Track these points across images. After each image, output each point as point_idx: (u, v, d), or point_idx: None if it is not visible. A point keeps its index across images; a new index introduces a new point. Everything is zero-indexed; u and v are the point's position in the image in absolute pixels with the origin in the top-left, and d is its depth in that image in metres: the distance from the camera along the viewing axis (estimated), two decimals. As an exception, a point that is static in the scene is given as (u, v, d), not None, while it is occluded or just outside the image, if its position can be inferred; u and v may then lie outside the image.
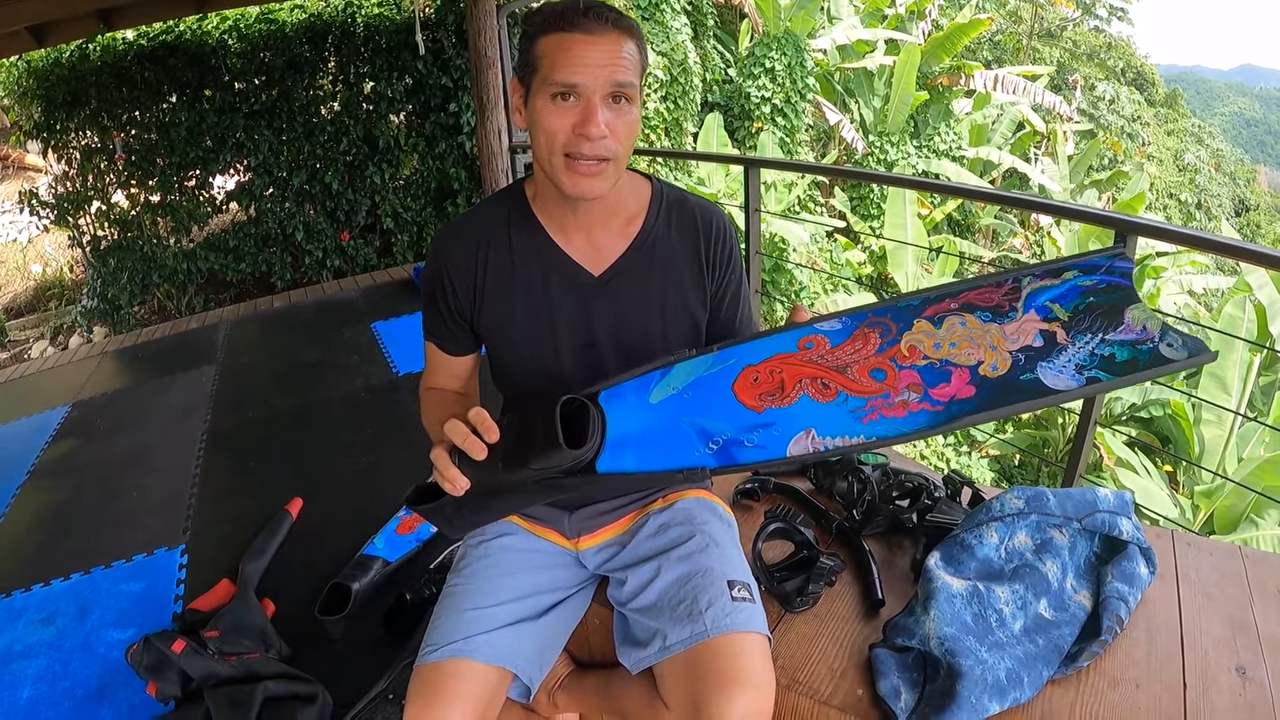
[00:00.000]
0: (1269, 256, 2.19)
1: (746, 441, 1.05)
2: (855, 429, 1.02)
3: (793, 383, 1.07)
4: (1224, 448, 7.47)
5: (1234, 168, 29.04)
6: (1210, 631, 1.31)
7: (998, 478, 9.89)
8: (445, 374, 1.43)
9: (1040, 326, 1.04)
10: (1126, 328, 1.01)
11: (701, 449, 1.07)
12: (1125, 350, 0.98)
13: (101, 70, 5.77)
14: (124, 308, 6.30)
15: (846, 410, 1.04)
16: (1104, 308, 1.04)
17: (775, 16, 12.16)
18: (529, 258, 1.30)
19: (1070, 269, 1.10)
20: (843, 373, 1.07)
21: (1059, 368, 0.99)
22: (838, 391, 1.05)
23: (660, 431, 1.09)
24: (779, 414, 1.06)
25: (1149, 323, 1.00)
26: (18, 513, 3.27)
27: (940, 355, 1.05)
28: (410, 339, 4.53)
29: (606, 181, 1.19)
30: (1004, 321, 1.06)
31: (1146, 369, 0.96)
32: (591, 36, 1.11)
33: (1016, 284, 1.10)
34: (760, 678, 1.12)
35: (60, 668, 2.30)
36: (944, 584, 1.28)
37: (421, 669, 1.20)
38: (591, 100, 1.12)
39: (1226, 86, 76.09)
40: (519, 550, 1.39)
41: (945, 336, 1.06)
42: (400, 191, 6.71)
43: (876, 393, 1.04)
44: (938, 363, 1.04)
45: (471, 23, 5.28)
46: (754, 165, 3.75)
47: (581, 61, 1.11)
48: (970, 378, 1.02)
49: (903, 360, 1.06)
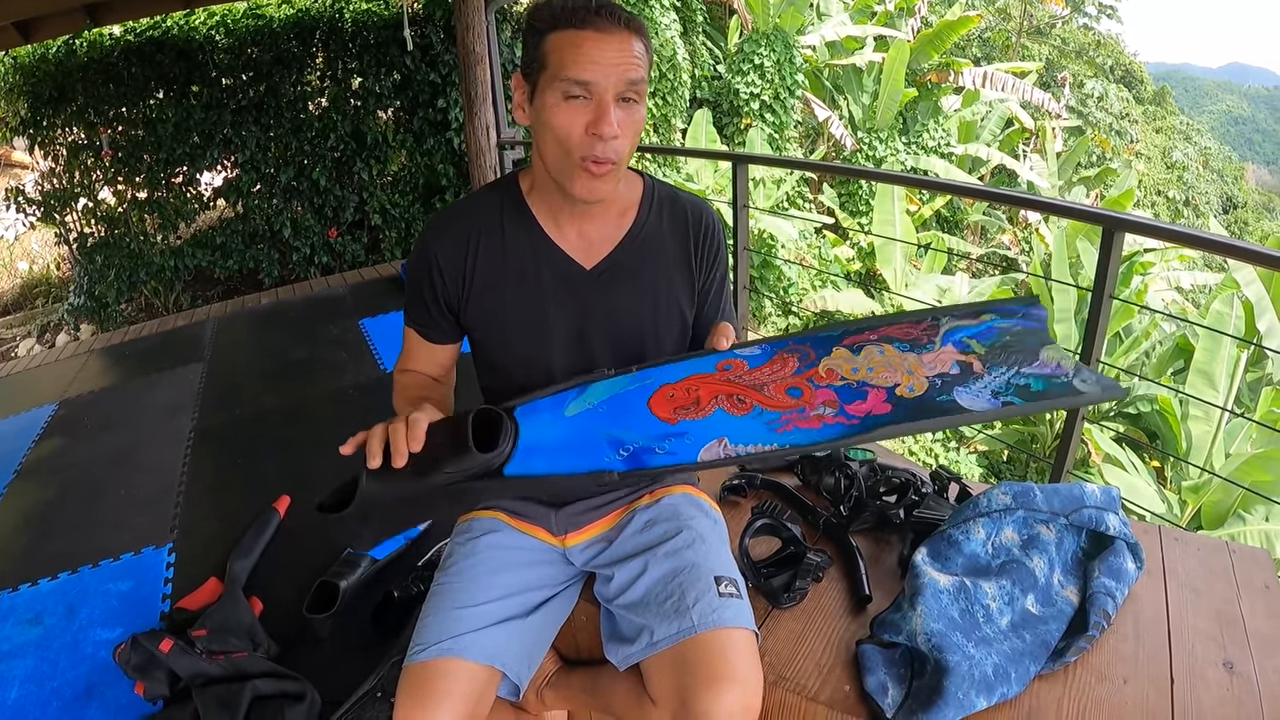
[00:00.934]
0: (1256, 253, 2.20)
1: (658, 449, 1.08)
2: (769, 438, 1.04)
3: (708, 398, 1.10)
4: (1211, 444, 7.51)
5: (1222, 165, 29.18)
6: (1197, 626, 1.32)
7: (986, 473, 9.91)
8: (423, 360, 1.44)
9: (957, 358, 1.07)
10: (1041, 364, 1.05)
11: (611, 455, 1.09)
12: (1040, 382, 1.02)
13: (88, 66, 5.74)
14: (111, 305, 6.26)
15: (761, 422, 1.06)
16: (1019, 347, 1.08)
17: (764, 13, 12.14)
18: (521, 248, 1.30)
19: (988, 312, 1.14)
20: (759, 390, 1.10)
21: (974, 393, 1.02)
22: (752, 406, 1.08)
23: (572, 441, 1.12)
24: (692, 425, 1.08)
25: (1063, 361, 1.04)
26: (4, 512, 3.25)
27: (857, 377, 1.08)
28: (399, 336, 4.51)
29: (613, 183, 1.21)
30: (921, 352, 1.09)
31: (1060, 398, 1.00)
32: (604, 34, 1.11)
33: (935, 322, 1.14)
34: (748, 673, 1.12)
35: (48, 668, 2.28)
36: (931, 580, 1.29)
37: (411, 668, 1.20)
38: (604, 99, 1.13)
39: (1215, 85, 76.47)
40: (506, 548, 1.38)
41: (863, 363, 1.09)
42: (388, 188, 6.70)
43: (791, 407, 1.07)
44: (854, 384, 1.07)
45: (459, 19, 5.27)
46: (742, 161, 3.76)
47: (595, 59, 1.11)
48: (887, 396, 1.04)
49: (819, 381, 1.09)
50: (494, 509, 1.44)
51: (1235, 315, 7.67)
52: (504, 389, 1.37)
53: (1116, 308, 7.82)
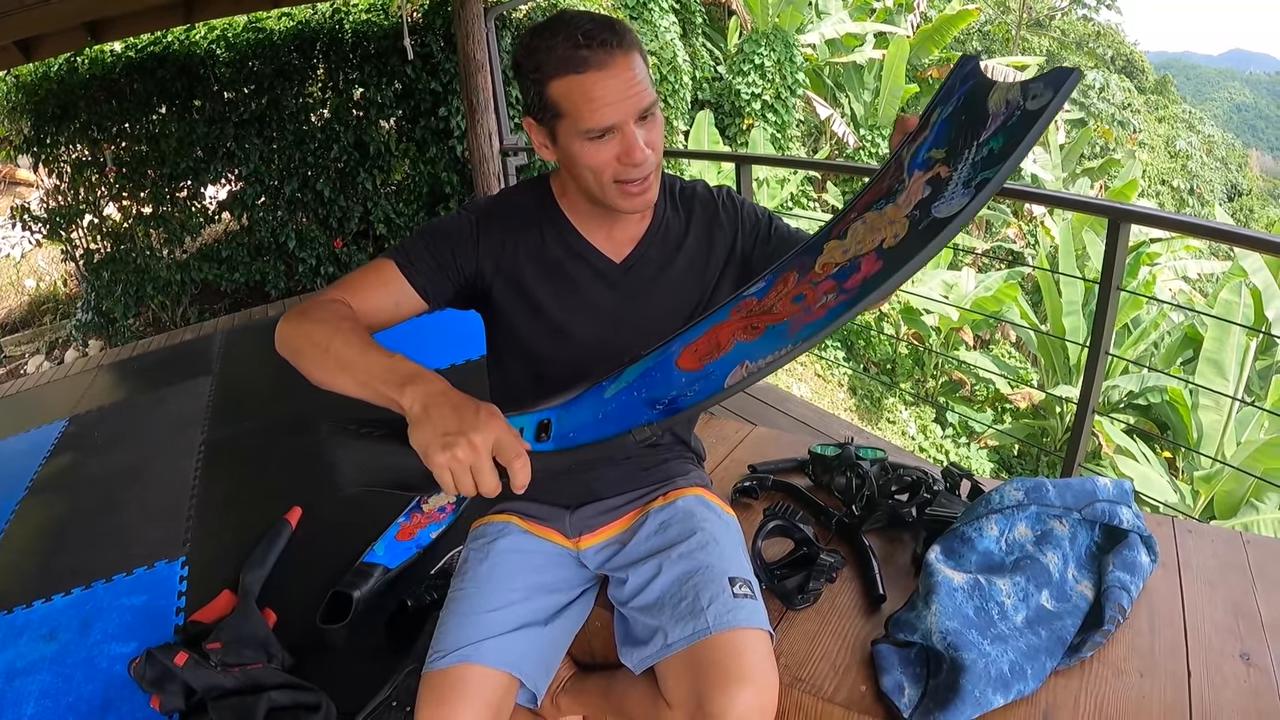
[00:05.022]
0: (1262, 241, 2.19)
1: (689, 393, 1.07)
2: (783, 342, 1.02)
3: (727, 339, 1.10)
4: (1222, 433, 7.48)
5: (1225, 153, 29.06)
6: (1213, 619, 1.31)
7: (997, 468, 9.88)
8: (374, 299, 1.23)
9: (925, 179, 1.03)
10: (993, 117, 0.98)
11: (649, 411, 1.08)
12: (998, 138, 0.96)
13: (90, 83, 5.76)
14: (119, 320, 6.28)
15: (774, 334, 1.05)
16: (969, 116, 1.03)
17: (763, 13, 12.14)
18: (556, 243, 1.32)
19: (933, 110, 1.11)
20: (769, 312, 1.09)
21: (948, 198, 0.97)
22: (765, 327, 1.07)
23: (614, 412, 1.11)
24: (717, 364, 1.08)
25: (1009, 95, 0.97)
26: (17, 529, 3.26)
27: (849, 256, 1.06)
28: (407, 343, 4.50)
29: (656, 189, 1.25)
30: (897, 197, 1.06)
31: (1026, 133, 0.92)
32: (604, 72, 1.11)
33: (898, 159, 1.11)
34: (763, 674, 1.12)
35: (64, 683, 2.29)
36: (945, 578, 1.28)
37: (430, 676, 1.20)
38: (628, 131, 1.15)
39: (1217, 72, 76.20)
40: (521, 552, 1.39)
41: (851, 242, 1.07)
42: (392, 197, 6.70)
43: (798, 311, 1.05)
44: (846, 263, 1.05)
45: (460, 26, 5.28)
46: (745, 162, 3.77)
47: (607, 101, 1.12)
48: (876, 256, 1.01)
49: (818, 278, 1.07)
50: (508, 512, 1.45)
51: (1244, 303, 7.64)
52: (521, 381, 1.38)
53: (1124, 299, 7.81)
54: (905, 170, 1.08)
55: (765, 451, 1.95)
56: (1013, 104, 0.95)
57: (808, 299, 1.06)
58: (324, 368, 1.08)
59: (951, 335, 10.78)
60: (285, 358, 1.12)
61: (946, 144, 1.03)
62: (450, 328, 4.38)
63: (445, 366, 4.26)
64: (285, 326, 1.13)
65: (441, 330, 4.58)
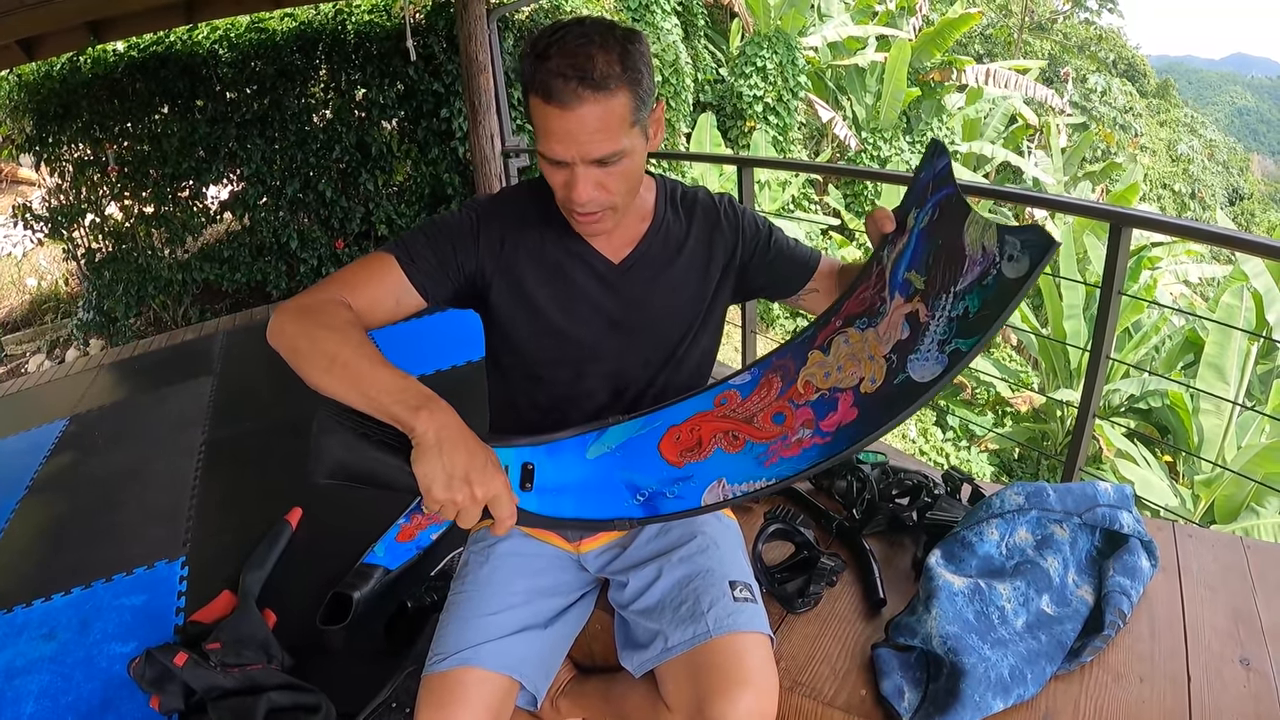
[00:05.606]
0: (1264, 245, 2.19)
1: (668, 494, 1.14)
2: (759, 474, 1.10)
3: (708, 438, 1.17)
4: (1223, 437, 7.48)
5: (1227, 157, 29.04)
6: (1213, 623, 1.31)
7: (998, 472, 9.88)
8: (381, 299, 1.22)
9: (905, 311, 1.06)
10: (970, 262, 0.99)
11: (630, 501, 1.15)
12: (974, 298, 0.97)
13: (93, 82, 5.76)
14: (120, 320, 6.28)
15: (751, 457, 1.12)
16: (946, 245, 1.04)
17: (765, 15, 12.13)
18: (555, 244, 1.32)
19: (908, 211, 1.13)
20: (750, 422, 1.16)
21: (924, 355, 0.99)
22: (745, 441, 1.14)
23: (596, 483, 1.17)
24: (696, 467, 1.15)
25: (985, 240, 0.98)
26: (17, 528, 3.26)
27: (829, 384, 1.11)
28: (408, 344, 4.52)
29: (608, 223, 1.24)
30: (877, 322, 1.10)
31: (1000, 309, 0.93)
32: (565, 111, 1.08)
33: (880, 263, 1.14)
34: (763, 677, 1.12)
35: (63, 683, 2.29)
36: (945, 582, 1.28)
37: (430, 679, 1.20)
38: (574, 170, 1.14)
39: (1219, 76, 76.20)
40: (521, 555, 1.39)
41: (833, 362, 1.12)
42: (394, 198, 6.71)
43: (776, 436, 1.12)
44: (826, 392, 1.10)
45: (462, 28, 5.28)
46: (747, 165, 3.76)
47: (559, 139, 1.11)
48: (853, 399, 1.06)
49: (798, 399, 1.13)
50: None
51: (1245, 307, 7.63)
52: (519, 383, 1.38)
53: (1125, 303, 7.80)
54: (887, 285, 1.11)
55: (766, 454, 1.94)
56: (989, 255, 0.97)
57: (786, 423, 1.12)
58: (328, 374, 1.06)
59: (952, 338, 10.75)
60: (279, 351, 1.11)
61: (925, 272, 1.06)
62: (450, 329, 4.40)
63: (445, 368, 4.26)
64: (285, 322, 1.11)
65: (441, 331, 4.59)
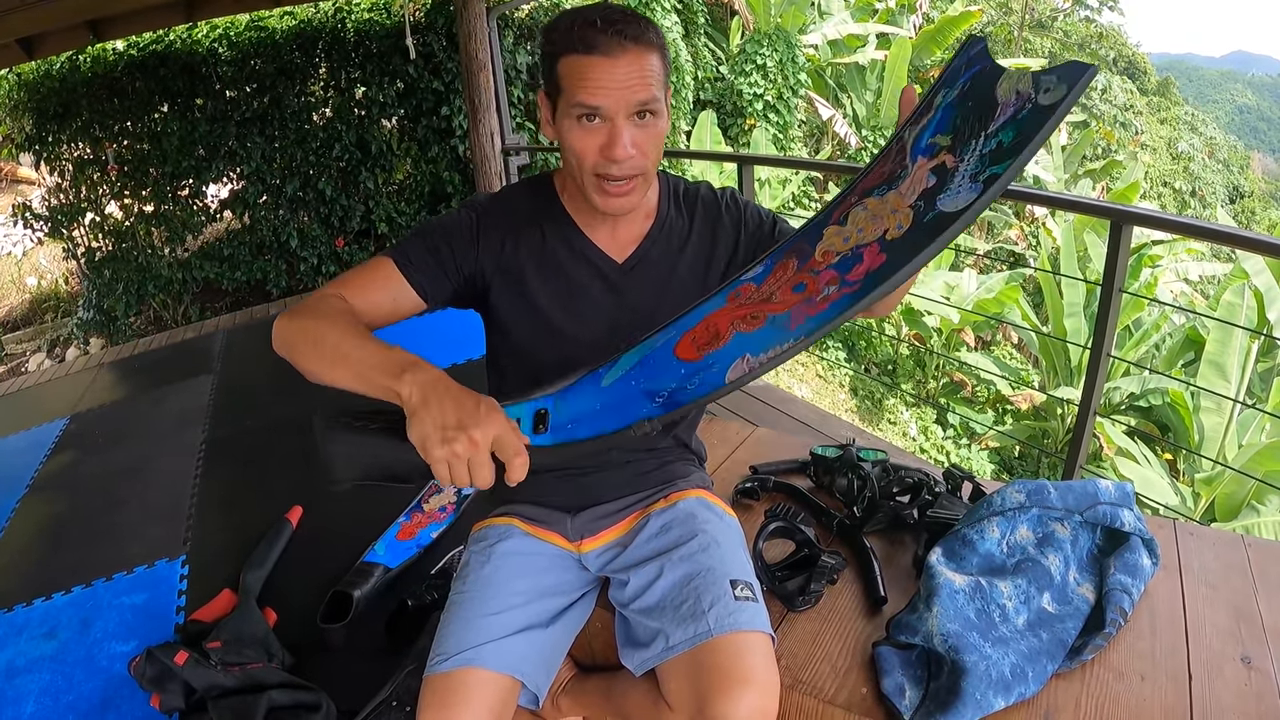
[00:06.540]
0: (1264, 243, 2.19)
1: (689, 386, 1.05)
2: (784, 336, 1.00)
3: (726, 327, 1.08)
4: (1224, 435, 7.48)
5: (1228, 155, 29.04)
6: (1214, 621, 1.31)
7: (998, 470, 9.87)
8: (371, 298, 1.23)
9: (929, 166, 1.00)
10: (1002, 107, 0.95)
11: (649, 404, 1.06)
12: (1009, 131, 0.93)
13: (92, 81, 5.77)
14: (120, 319, 6.28)
15: (774, 327, 1.03)
16: (978, 103, 0.99)
17: (766, 13, 12.12)
18: (557, 242, 1.32)
19: (937, 93, 1.07)
20: (768, 301, 1.07)
21: (955, 191, 0.94)
22: (766, 316, 1.05)
23: (611, 404, 1.09)
24: (717, 355, 1.05)
25: (1020, 85, 0.94)
26: (18, 527, 3.26)
27: (851, 245, 1.03)
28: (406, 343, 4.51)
29: (637, 197, 1.23)
30: (899, 184, 1.02)
31: (1038, 130, 0.89)
32: (611, 58, 1.11)
33: (901, 141, 1.07)
34: (764, 676, 1.12)
35: (64, 681, 2.29)
36: (946, 580, 1.28)
37: (432, 679, 1.20)
38: (616, 122, 1.14)
39: (1219, 74, 76.16)
40: (522, 554, 1.38)
41: (852, 229, 1.04)
42: (394, 196, 6.71)
43: (799, 302, 1.03)
44: (849, 251, 1.02)
45: (462, 26, 5.28)
46: (747, 162, 3.77)
47: (602, 84, 1.11)
48: (880, 248, 0.99)
49: (818, 267, 1.05)
50: (509, 515, 1.44)
51: (1245, 305, 7.63)
52: (518, 383, 1.37)
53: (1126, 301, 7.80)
54: (908, 155, 1.05)
55: (766, 453, 1.94)
56: (1023, 95, 0.92)
57: (809, 289, 1.03)
58: (320, 360, 1.07)
59: (953, 336, 10.77)
60: (282, 355, 1.12)
61: (952, 131, 1.00)
62: (450, 328, 4.39)
63: (446, 366, 4.24)
64: (282, 323, 1.13)
65: (441, 330, 4.58)
